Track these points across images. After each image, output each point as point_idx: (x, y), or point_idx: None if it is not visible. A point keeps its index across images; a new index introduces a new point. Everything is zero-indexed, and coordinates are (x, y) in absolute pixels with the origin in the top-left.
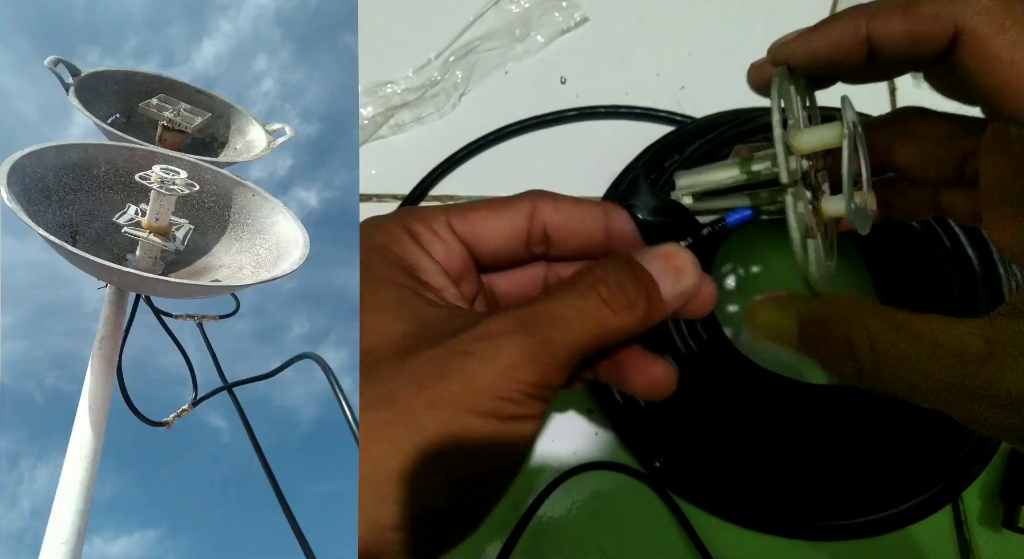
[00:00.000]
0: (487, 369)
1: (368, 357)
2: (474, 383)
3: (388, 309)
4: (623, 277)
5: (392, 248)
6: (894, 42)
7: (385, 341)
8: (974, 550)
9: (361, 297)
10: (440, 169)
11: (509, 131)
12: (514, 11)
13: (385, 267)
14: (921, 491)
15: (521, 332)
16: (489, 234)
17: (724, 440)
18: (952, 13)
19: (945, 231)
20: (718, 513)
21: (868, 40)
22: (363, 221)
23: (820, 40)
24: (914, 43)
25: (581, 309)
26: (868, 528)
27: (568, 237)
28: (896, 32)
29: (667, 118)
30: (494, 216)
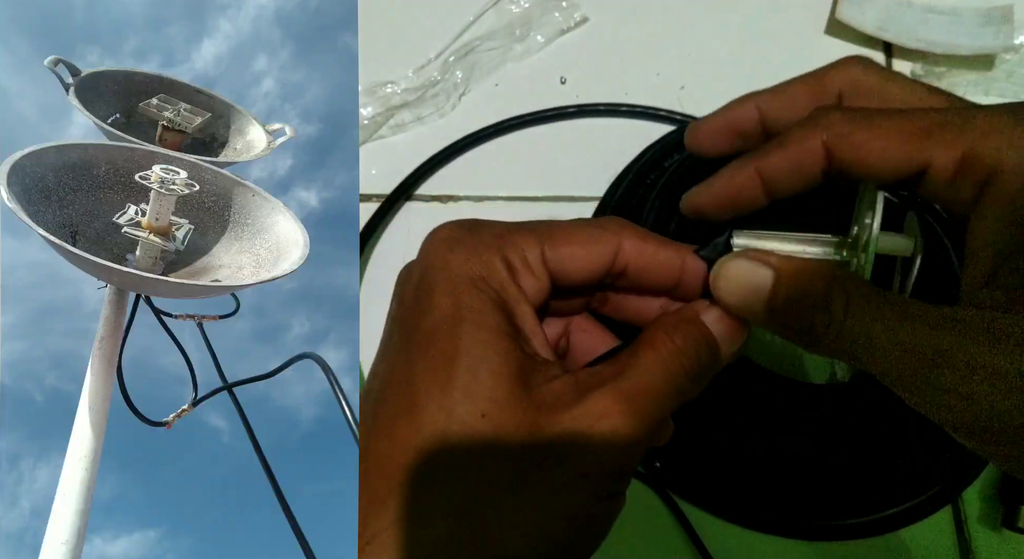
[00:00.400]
0: (607, 452)
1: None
2: (598, 467)
3: (490, 365)
4: (699, 348)
5: (491, 282)
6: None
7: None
8: (974, 550)
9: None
10: (436, 160)
11: (507, 126)
12: (514, 11)
13: (487, 310)
14: (921, 491)
15: (628, 412)
16: (575, 267)
17: (724, 440)
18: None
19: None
20: (718, 513)
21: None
22: (440, 231)
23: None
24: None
25: (668, 378)
26: (868, 528)
27: (645, 276)
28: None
29: (668, 117)
30: (584, 249)
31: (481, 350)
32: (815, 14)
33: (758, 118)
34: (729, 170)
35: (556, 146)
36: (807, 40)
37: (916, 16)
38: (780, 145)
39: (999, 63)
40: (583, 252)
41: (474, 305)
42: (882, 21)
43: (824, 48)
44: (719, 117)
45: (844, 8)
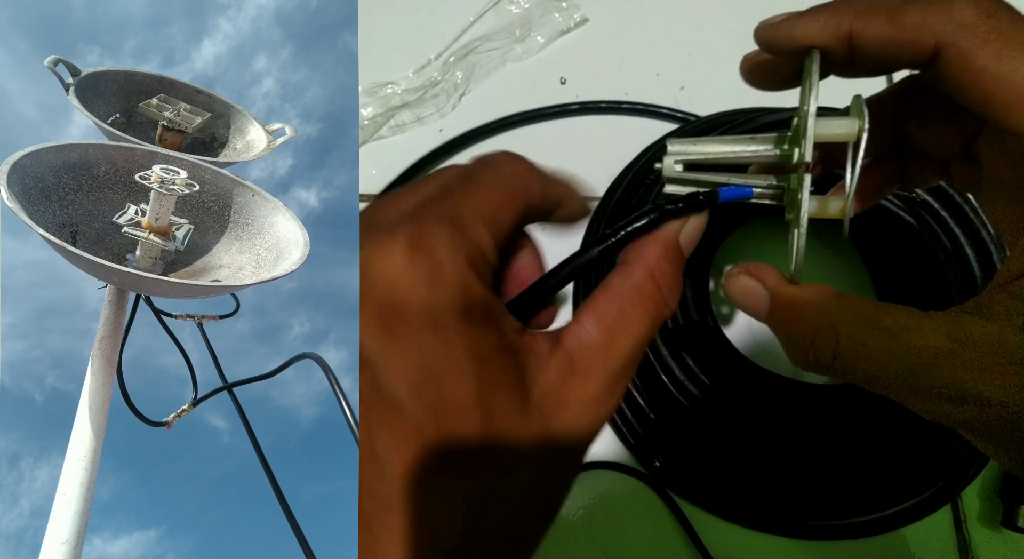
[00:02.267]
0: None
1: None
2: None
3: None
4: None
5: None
6: (875, 46)
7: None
8: (973, 549)
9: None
10: (438, 153)
11: (510, 122)
12: (514, 12)
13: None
14: (920, 490)
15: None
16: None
17: (724, 440)
18: (935, 25)
19: (944, 230)
20: (718, 513)
21: (850, 38)
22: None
23: (802, 29)
24: (895, 50)
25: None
26: (868, 527)
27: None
28: (878, 36)
29: (668, 115)
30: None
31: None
32: None
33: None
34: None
35: (556, 145)
36: None
37: None
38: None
39: None
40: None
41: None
42: None
43: None
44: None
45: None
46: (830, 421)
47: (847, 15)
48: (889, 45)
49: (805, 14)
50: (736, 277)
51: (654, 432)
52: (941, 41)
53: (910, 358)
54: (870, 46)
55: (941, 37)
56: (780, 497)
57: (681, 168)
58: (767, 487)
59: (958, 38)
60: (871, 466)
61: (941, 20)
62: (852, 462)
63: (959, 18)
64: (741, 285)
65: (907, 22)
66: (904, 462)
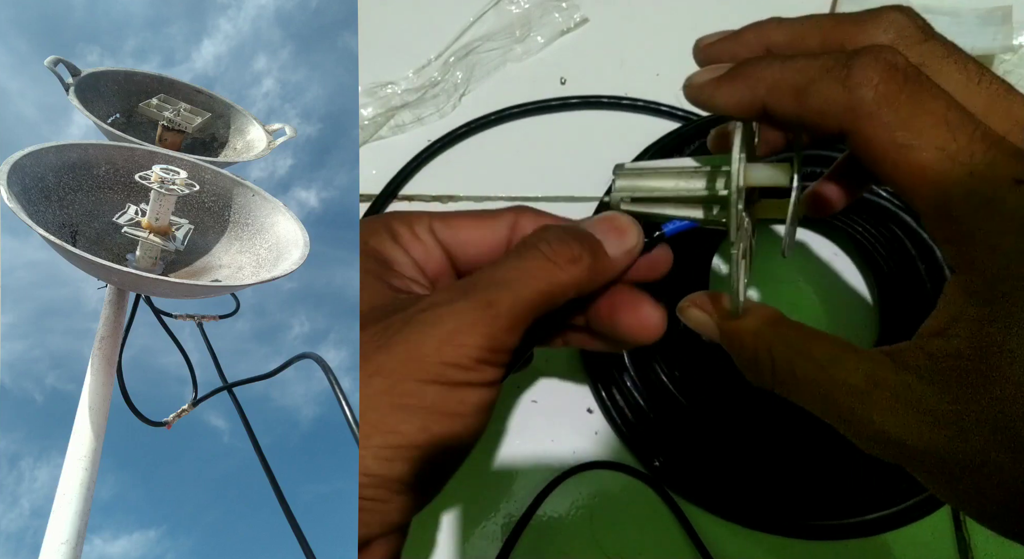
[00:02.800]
0: (429, 336)
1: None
2: (416, 350)
3: (364, 293)
4: (564, 236)
5: (368, 240)
6: (787, 121)
7: (364, 322)
8: (972, 549)
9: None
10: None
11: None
12: (514, 12)
13: (363, 258)
14: (920, 490)
15: (463, 298)
16: (470, 241)
17: (724, 439)
18: (837, 109)
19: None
20: (718, 512)
21: (764, 110)
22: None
23: (722, 99)
24: (806, 126)
25: (524, 269)
26: (867, 527)
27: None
28: (788, 114)
29: (669, 112)
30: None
31: (364, 293)
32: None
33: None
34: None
35: (557, 144)
36: None
37: None
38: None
39: (998, 63)
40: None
41: (361, 257)
42: None
43: None
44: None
45: (843, 8)
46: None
47: (760, 89)
48: (799, 122)
49: (724, 82)
50: (687, 310)
51: (654, 431)
52: (843, 127)
53: (834, 392)
54: (783, 122)
55: (843, 124)
56: (780, 497)
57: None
58: (767, 487)
59: (859, 125)
60: (871, 466)
61: (842, 105)
62: (852, 462)
63: (859, 103)
64: (693, 317)
65: (811, 104)
66: None
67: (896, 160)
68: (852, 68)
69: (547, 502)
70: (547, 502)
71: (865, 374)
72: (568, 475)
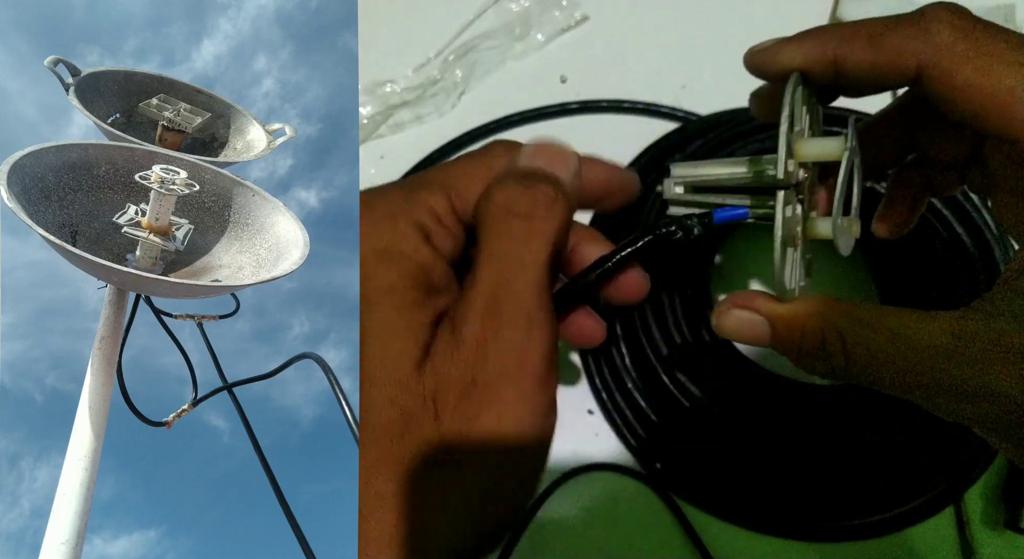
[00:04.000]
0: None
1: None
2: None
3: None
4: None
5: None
6: (860, 70)
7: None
8: (976, 551)
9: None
10: (437, 156)
11: (510, 121)
12: (514, 10)
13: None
14: (923, 492)
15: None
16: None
17: (724, 441)
18: (915, 48)
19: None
20: (718, 514)
21: (835, 63)
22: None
23: (788, 55)
24: (879, 73)
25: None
26: (869, 529)
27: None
28: (861, 61)
29: (669, 114)
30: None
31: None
32: (816, 13)
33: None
34: (808, 41)
35: None
36: None
37: None
38: (871, 41)
39: None
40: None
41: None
42: None
43: None
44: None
45: (845, 7)
46: (832, 422)
47: (831, 41)
48: (872, 69)
49: (790, 40)
50: (727, 313)
51: (655, 434)
52: (922, 63)
53: (914, 357)
54: (854, 70)
55: (921, 59)
56: (781, 499)
57: (682, 190)
58: (768, 489)
59: (938, 58)
60: (873, 468)
61: (920, 43)
62: (854, 464)
63: (937, 40)
64: (735, 319)
65: (888, 46)
66: (906, 464)
67: (980, 86)
68: (925, 13)
69: (547, 504)
70: (547, 504)
71: (950, 332)
72: (569, 477)
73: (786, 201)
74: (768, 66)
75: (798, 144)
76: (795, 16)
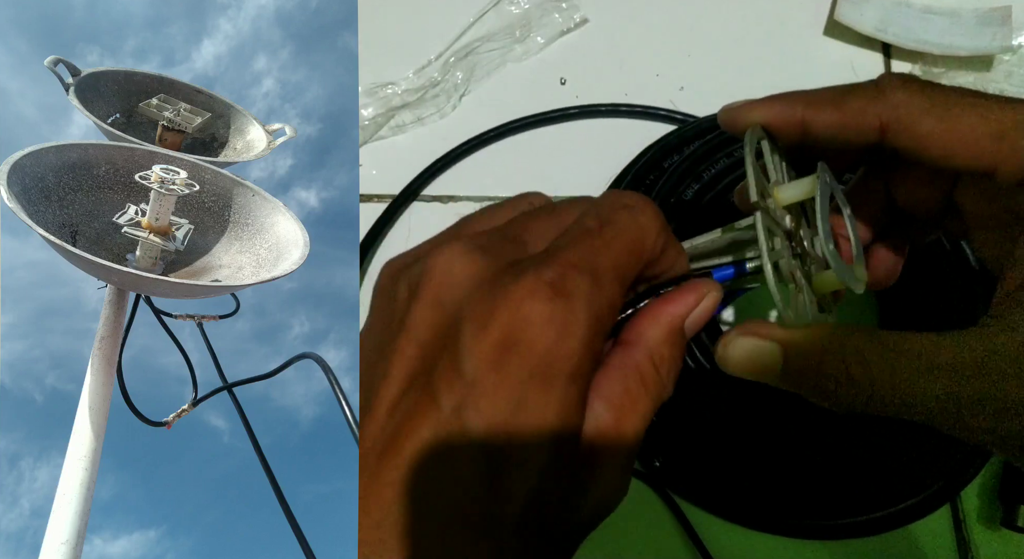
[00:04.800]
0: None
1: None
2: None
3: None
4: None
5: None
6: (826, 131)
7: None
8: (972, 549)
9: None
10: (439, 164)
11: (510, 128)
12: (514, 12)
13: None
14: (920, 490)
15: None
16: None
17: (724, 440)
18: (875, 109)
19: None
20: (718, 512)
21: (802, 123)
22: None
23: (759, 115)
24: (845, 133)
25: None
26: (867, 527)
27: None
28: (828, 122)
29: (668, 116)
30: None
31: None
32: (814, 15)
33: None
34: (777, 103)
35: (557, 147)
36: (806, 41)
37: (915, 17)
38: (835, 105)
39: (997, 64)
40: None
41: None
42: (881, 22)
43: (823, 49)
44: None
45: (843, 9)
46: (829, 421)
47: (798, 104)
48: (839, 129)
49: (760, 102)
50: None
51: (654, 432)
52: (884, 120)
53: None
54: (822, 130)
55: (883, 117)
56: (780, 497)
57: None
58: (767, 487)
59: (898, 115)
60: (870, 466)
61: (879, 104)
62: (851, 461)
63: (894, 100)
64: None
65: (851, 108)
66: (903, 461)
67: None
68: (879, 82)
69: None
70: None
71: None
72: None
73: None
74: (739, 123)
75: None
76: (792, 20)
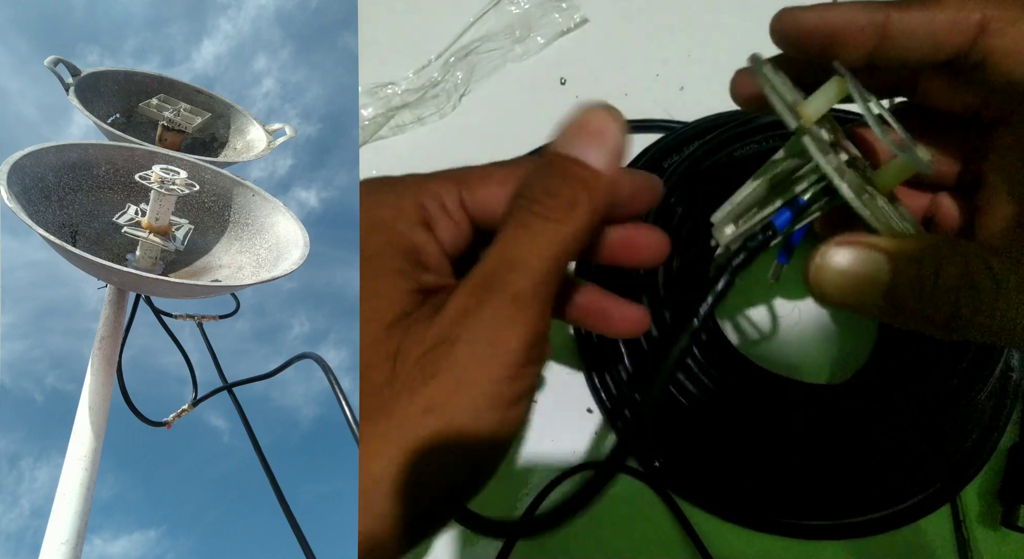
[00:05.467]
0: (475, 353)
1: (364, 357)
2: (467, 374)
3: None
4: (548, 183)
5: (397, 226)
6: (916, 31)
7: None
8: (972, 549)
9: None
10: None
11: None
12: (514, 12)
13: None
14: (919, 490)
15: (489, 299)
16: (497, 205)
17: (724, 440)
18: (975, 6)
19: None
20: (718, 512)
21: (884, 28)
22: (366, 182)
23: (838, 12)
24: (937, 36)
25: (530, 242)
26: (867, 527)
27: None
28: (920, 21)
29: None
30: (504, 189)
31: (364, 298)
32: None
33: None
34: (855, 4)
35: None
36: None
37: None
38: (926, 5)
39: None
40: (502, 192)
41: (379, 250)
42: None
43: None
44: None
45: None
46: (829, 421)
47: (878, 6)
48: (930, 28)
49: (840, 3)
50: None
51: (654, 431)
52: (984, 18)
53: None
54: (907, 34)
55: (984, 15)
56: (780, 497)
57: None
58: (767, 487)
59: (1002, 12)
60: (870, 465)
61: (980, 2)
62: (851, 462)
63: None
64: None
65: (950, 3)
66: (903, 462)
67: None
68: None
69: (547, 502)
70: (547, 502)
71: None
72: (568, 475)
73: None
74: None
75: (801, 107)
76: None
